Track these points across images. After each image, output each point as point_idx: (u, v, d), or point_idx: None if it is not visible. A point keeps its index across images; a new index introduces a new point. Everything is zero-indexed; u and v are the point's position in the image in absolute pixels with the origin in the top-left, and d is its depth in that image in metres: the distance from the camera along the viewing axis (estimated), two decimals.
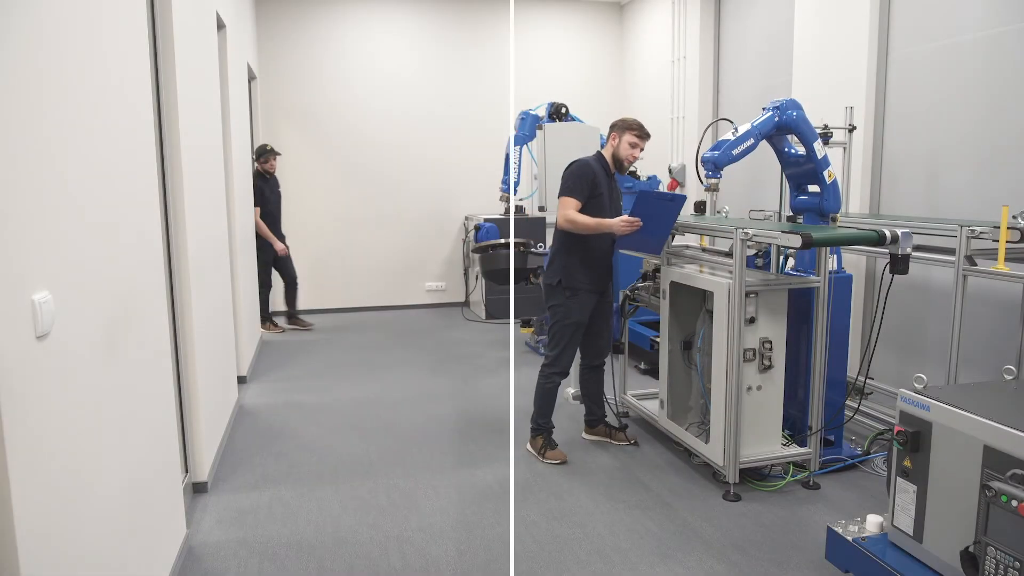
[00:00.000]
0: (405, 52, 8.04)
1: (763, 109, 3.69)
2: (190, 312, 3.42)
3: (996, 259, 3.20)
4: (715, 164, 3.63)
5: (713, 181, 3.69)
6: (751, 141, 3.63)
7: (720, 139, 3.69)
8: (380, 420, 4.60)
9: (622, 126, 3.84)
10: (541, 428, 3.99)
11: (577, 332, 3.91)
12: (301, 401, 4.96)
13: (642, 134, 3.82)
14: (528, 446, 4.04)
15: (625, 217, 3.63)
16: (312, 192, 7.89)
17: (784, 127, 3.65)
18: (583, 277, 3.85)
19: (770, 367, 3.49)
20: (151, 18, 3.08)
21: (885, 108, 4.67)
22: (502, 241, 5.22)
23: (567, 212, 3.73)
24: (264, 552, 3.02)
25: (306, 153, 7.81)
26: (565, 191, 3.78)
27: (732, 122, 4.03)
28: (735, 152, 3.62)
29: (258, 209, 6.69)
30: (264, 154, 6.75)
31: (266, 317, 7.07)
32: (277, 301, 7.48)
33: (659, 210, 3.69)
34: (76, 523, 1.88)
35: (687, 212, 3.84)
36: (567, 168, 3.85)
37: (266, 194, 6.79)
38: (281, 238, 7.07)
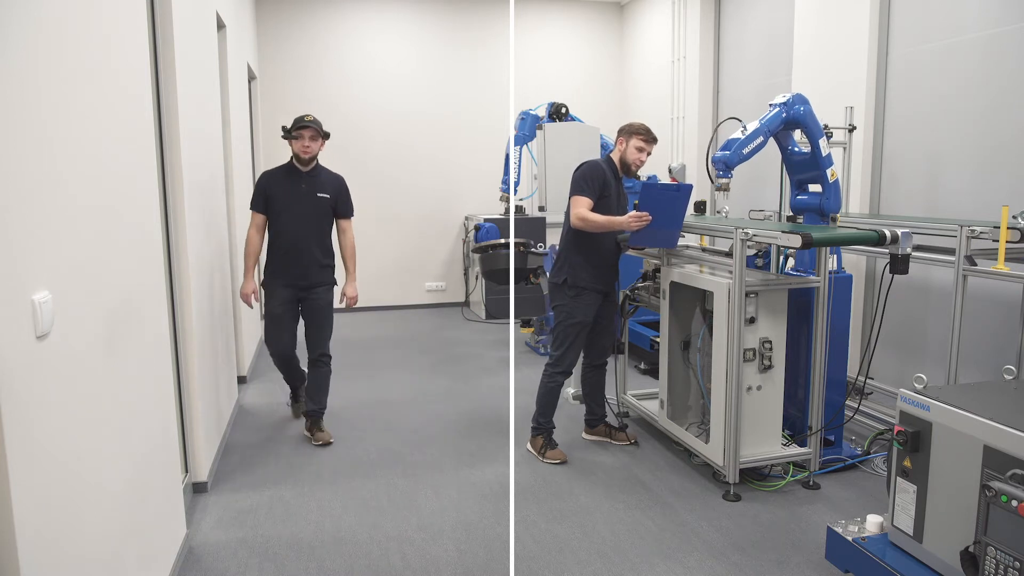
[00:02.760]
0: (405, 52, 8.04)
1: (770, 105, 3.69)
2: (190, 312, 3.42)
3: (996, 259, 3.20)
4: (726, 164, 3.63)
5: (724, 181, 3.69)
6: (760, 139, 3.63)
7: (729, 138, 3.68)
8: (380, 420, 4.60)
9: (629, 130, 3.86)
10: (542, 428, 3.99)
11: (582, 332, 3.91)
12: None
13: (648, 138, 3.84)
14: (528, 445, 4.04)
15: (634, 212, 3.63)
16: None
17: (792, 123, 3.65)
18: (588, 276, 3.86)
19: (770, 367, 3.49)
20: (151, 18, 3.08)
21: (885, 108, 4.67)
22: (502, 241, 5.21)
23: (579, 210, 3.75)
24: (264, 552, 3.02)
25: None
26: (576, 190, 3.81)
27: (741, 120, 4.03)
28: (745, 151, 3.62)
29: (255, 216, 4.10)
30: (296, 128, 4.04)
31: (296, 396, 4.64)
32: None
33: (667, 202, 3.65)
34: (76, 523, 1.87)
35: (687, 212, 3.83)
36: (577, 169, 3.88)
37: (275, 193, 4.06)
38: (308, 276, 4.11)
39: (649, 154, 3.88)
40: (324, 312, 4.20)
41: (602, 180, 3.79)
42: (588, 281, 3.86)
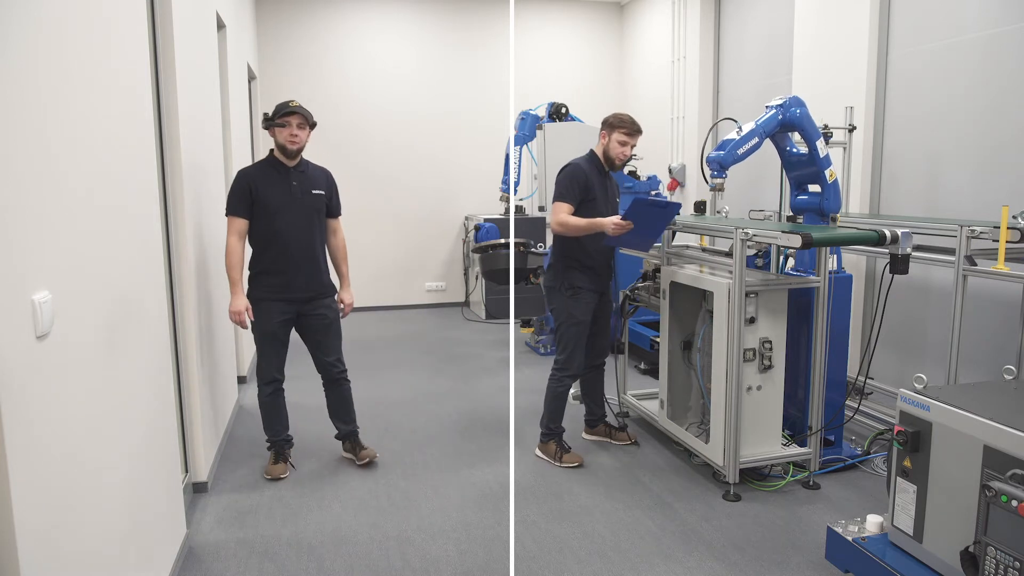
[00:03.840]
0: (405, 52, 8.04)
1: (766, 107, 3.69)
2: (190, 312, 3.42)
3: (996, 259, 3.20)
4: (720, 164, 3.62)
5: (718, 181, 3.67)
6: (755, 140, 3.62)
7: (724, 139, 3.68)
8: (380, 420, 4.60)
9: (611, 123, 3.77)
10: (553, 433, 3.94)
11: (584, 332, 3.89)
12: (301, 401, 4.95)
13: (631, 131, 3.74)
14: (539, 452, 3.99)
15: (617, 220, 3.59)
16: None
17: (788, 125, 3.64)
18: (583, 277, 3.84)
19: (770, 367, 3.49)
20: (151, 18, 3.08)
21: (885, 108, 4.67)
22: (502, 241, 5.22)
23: (559, 216, 3.70)
24: (264, 552, 3.02)
25: (306, 153, 7.79)
26: (557, 196, 3.76)
27: (736, 121, 4.02)
28: (740, 152, 3.61)
29: (237, 221, 3.55)
30: (281, 115, 3.55)
31: (279, 450, 3.82)
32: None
33: (653, 216, 3.64)
34: (76, 523, 1.88)
35: (687, 212, 3.83)
36: (559, 172, 3.82)
37: (264, 193, 3.54)
38: (312, 287, 3.67)
39: (633, 147, 3.81)
40: (334, 326, 3.78)
41: (583, 183, 3.72)
42: (583, 282, 3.84)
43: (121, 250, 2.33)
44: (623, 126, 3.74)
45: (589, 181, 3.75)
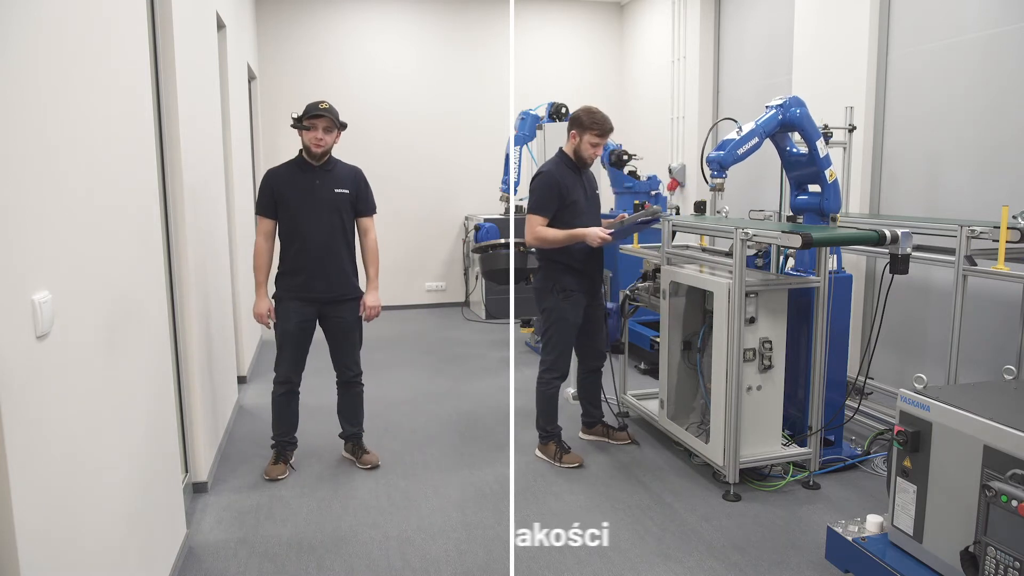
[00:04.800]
0: (405, 52, 8.04)
1: (766, 107, 3.69)
2: (190, 312, 3.42)
3: (996, 259, 3.20)
4: (720, 164, 3.62)
5: (718, 181, 3.66)
6: (755, 140, 3.62)
7: (724, 139, 3.68)
8: (380, 420, 4.59)
9: (583, 124, 3.70)
10: (551, 434, 3.93)
11: (574, 333, 3.88)
12: (305, 401, 4.92)
13: (603, 131, 3.70)
14: (539, 453, 3.98)
15: (603, 236, 3.61)
16: None
17: (788, 125, 3.64)
18: (572, 280, 3.81)
19: (770, 367, 3.49)
20: (151, 18, 3.08)
21: (885, 108, 4.67)
22: (502, 241, 5.22)
23: (534, 231, 3.67)
24: (264, 552, 3.02)
25: None
26: (532, 207, 3.71)
27: (736, 121, 4.02)
28: (740, 152, 3.60)
29: (263, 221, 3.63)
30: (309, 117, 3.50)
31: (280, 451, 3.82)
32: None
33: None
34: (76, 523, 1.88)
35: (687, 212, 3.85)
36: (532, 180, 3.78)
37: (286, 192, 3.56)
38: (333, 288, 3.65)
39: (604, 146, 3.82)
40: (353, 330, 3.79)
41: (558, 191, 3.69)
42: (573, 284, 3.81)
43: (121, 250, 2.33)
44: (596, 127, 3.68)
45: (564, 186, 3.71)
